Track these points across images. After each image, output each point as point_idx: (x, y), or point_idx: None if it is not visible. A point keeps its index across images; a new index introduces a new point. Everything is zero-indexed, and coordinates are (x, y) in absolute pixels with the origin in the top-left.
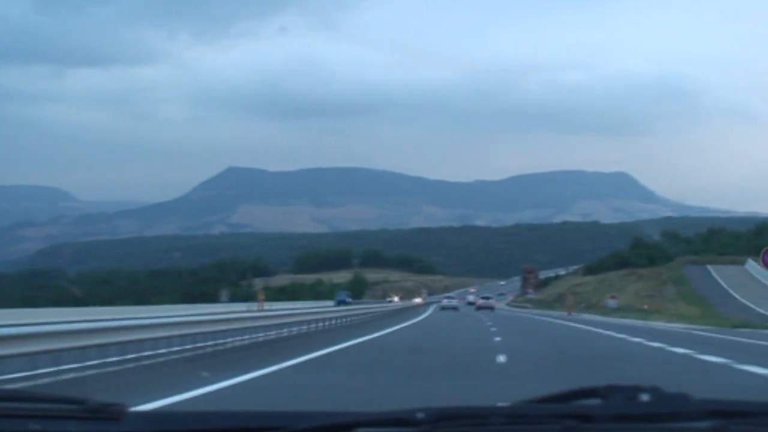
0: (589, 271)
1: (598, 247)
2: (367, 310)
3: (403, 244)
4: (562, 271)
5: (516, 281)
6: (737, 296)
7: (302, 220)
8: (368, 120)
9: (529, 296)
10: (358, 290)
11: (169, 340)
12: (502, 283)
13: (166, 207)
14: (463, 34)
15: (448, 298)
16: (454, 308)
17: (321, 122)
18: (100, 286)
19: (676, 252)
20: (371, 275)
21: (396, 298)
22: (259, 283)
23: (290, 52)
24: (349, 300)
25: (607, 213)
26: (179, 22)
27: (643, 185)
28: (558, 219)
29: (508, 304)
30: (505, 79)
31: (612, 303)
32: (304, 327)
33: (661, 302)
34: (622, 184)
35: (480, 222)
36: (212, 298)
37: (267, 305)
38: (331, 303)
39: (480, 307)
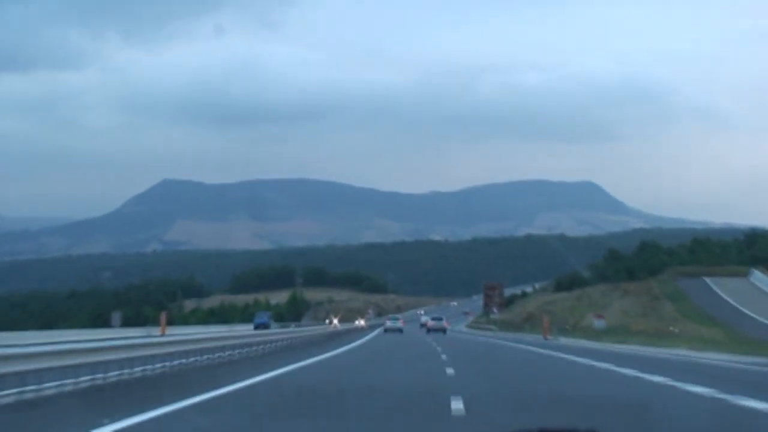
0: (561, 287)
1: (565, 262)
2: (291, 335)
3: (352, 261)
4: (528, 289)
5: (476, 301)
6: (751, 313)
7: (243, 236)
8: (313, 127)
9: (494, 316)
10: (296, 311)
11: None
12: (454, 303)
13: (96, 223)
14: (413, 32)
15: (392, 319)
16: (399, 330)
17: (261, 130)
18: (12, 309)
19: (657, 265)
20: (315, 295)
21: (335, 321)
22: (189, 304)
23: (227, 54)
24: (270, 323)
25: (573, 225)
26: (107, 21)
27: (612, 195)
28: (520, 232)
29: (468, 326)
30: (459, 81)
31: (599, 324)
32: (213, 355)
33: (658, 322)
34: (588, 194)
35: (436, 236)
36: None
37: (179, 330)
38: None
39: (430, 330)
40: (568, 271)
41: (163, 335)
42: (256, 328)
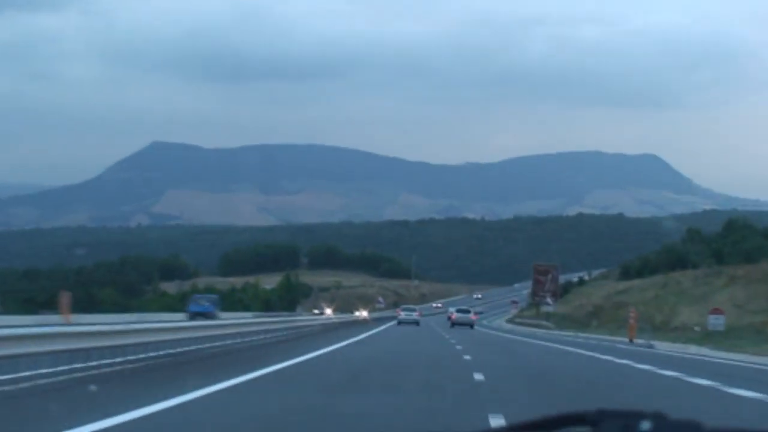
0: (628, 273)
1: (625, 247)
2: (241, 330)
3: (370, 241)
4: (583, 276)
5: (517, 290)
6: None
7: (247, 210)
8: (330, 86)
9: (547, 308)
10: (291, 298)
11: None
12: (478, 296)
13: (73, 192)
14: None
15: (406, 309)
16: (415, 323)
17: (271, 87)
18: None
19: (751, 249)
20: (320, 279)
21: (328, 311)
22: (169, 287)
23: None
24: (216, 311)
25: (632, 205)
26: None
27: (678, 171)
28: (570, 211)
29: (511, 320)
30: (503, 35)
31: (716, 322)
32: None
33: None
34: (650, 169)
35: (471, 214)
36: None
37: (86, 318)
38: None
39: (455, 323)
40: (628, 257)
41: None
42: (191, 317)
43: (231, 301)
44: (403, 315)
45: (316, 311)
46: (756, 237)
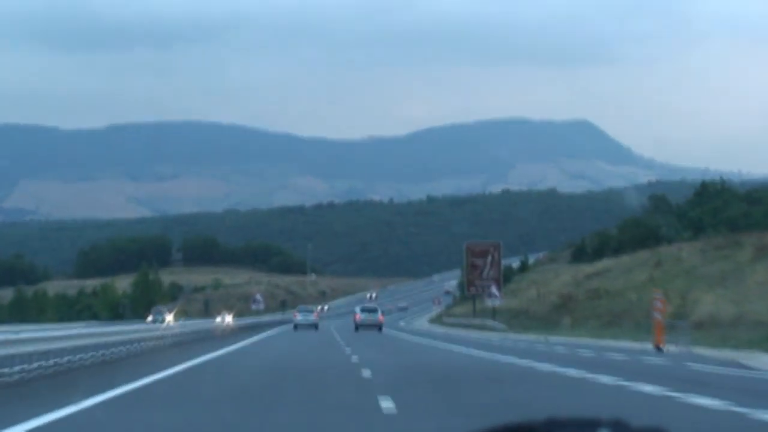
0: (581, 255)
1: (560, 227)
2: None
3: (260, 231)
4: (525, 260)
5: (437, 282)
6: None
7: (114, 202)
8: (206, 50)
9: (494, 302)
10: (147, 300)
11: None
12: (370, 294)
13: None
14: None
15: (303, 311)
16: (313, 326)
17: (136, 56)
18: None
19: (737, 217)
20: (198, 277)
21: (168, 317)
22: (6, 294)
23: None
24: None
25: (563, 179)
26: None
27: (614, 138)
28: (494, 189)
29: (437, 321)
30: None
31: None
32: None
33: None
34: (582, 137)
35: (377, 197)
36: None
37: None
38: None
39: (360, 325)
40: (566, 238)
41: None
42: None
43: (78, 309)
44: (299, 318)
45: (151, 318)
46: (738, 203)
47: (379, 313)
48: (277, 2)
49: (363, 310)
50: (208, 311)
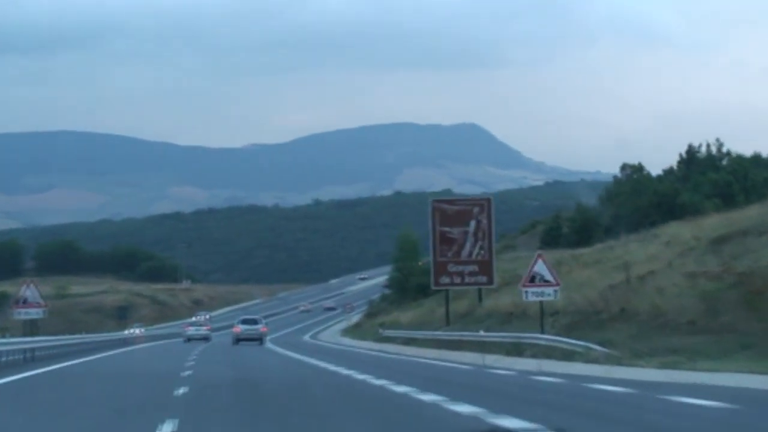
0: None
1: None
2: None
3: (135, 239)
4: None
5: (336, 288)
6: None
7: None
8: (82, 58)
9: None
10: None
11: None
12: (256, 300)
13: None
14: None
15: (194, 324)
16: (204, 338)
17: (7, 63)
18: None
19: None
20: (45, 288)
21: None
22: None
23: None
24: None
25: (452, 184)
26: None
27: (503, 142)
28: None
29: (349, 333)
30: None
31: None
32: None
33: None
34: (470, 141)
35: (260, 203)
36: None
37: None
38: None
39: (240, 339)
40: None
41: None
42: None
43: None
44: (191, 331)
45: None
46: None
47: (261, 324)
48: (156, 8)
49: (243, 322)
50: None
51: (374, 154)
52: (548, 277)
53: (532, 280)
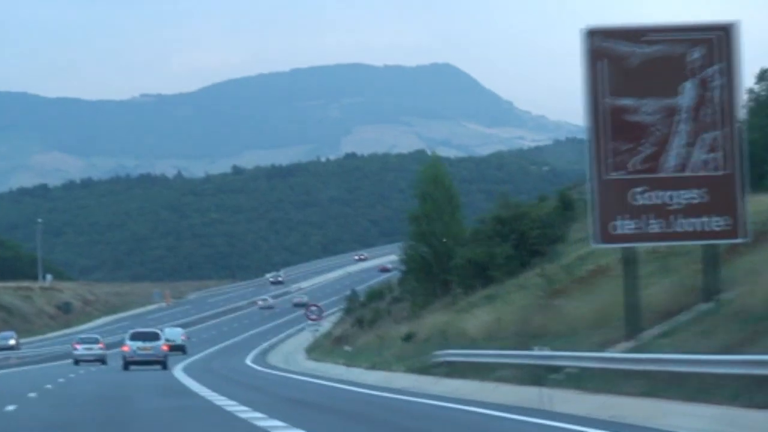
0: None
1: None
2: None
3: None
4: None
5: (271, 286)
6: None
7: None
8: None
9: None
10: None
11: None
12: (157, 302)
13: None
14: None
15: (85, 342)
16: (99, 360)
17: None
18: None
19: None
20: None
21: None
22: None
23: None
24: None
25: (419, 145)
26: None
27: (487, 89)
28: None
29: (323, 353)
30: None
31: None
32: None
33: None
34: (444, 88)
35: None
36: None
37: None
38: None
39: (131, 362)
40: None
41: None
42: None
43: None
44: (80, 350)
45: None
46: None
47: (162, 340)
48: None
49: (134, 337)
50: None
51: (313, 108)
52: None
53: None
